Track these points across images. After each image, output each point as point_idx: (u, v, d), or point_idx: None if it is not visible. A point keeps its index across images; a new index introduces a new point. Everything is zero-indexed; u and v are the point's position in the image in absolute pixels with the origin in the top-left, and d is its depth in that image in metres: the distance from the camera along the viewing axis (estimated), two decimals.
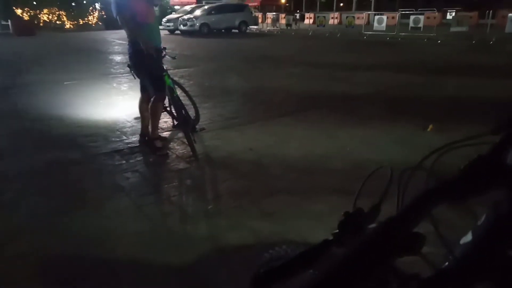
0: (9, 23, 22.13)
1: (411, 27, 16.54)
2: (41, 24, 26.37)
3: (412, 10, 18.43)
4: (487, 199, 0.63)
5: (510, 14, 14.55)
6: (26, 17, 25.64)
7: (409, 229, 0.51)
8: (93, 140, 4.11)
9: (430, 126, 4.17)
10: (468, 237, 0.66)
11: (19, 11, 25.42)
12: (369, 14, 22.76)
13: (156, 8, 3.85)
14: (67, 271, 2.07)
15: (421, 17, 16.47)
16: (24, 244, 2.30)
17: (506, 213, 0.60)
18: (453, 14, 18.64)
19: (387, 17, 17.82)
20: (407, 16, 17.68)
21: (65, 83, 7.40)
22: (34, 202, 2.80)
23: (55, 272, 2.08)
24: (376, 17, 18.23)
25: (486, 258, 0.60)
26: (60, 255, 2.20)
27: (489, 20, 14.84)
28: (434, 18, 17.99)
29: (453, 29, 15.57)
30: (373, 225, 0.54)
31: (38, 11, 26.94)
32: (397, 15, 18.26)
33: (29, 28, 21.39)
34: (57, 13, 27.52)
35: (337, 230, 0.54)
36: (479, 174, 0.58)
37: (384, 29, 17.15)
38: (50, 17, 27.56)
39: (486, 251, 0.61)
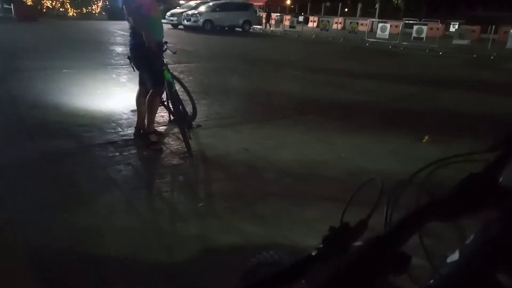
0: (12, 7, 21.94)
1: (414, 37, 16.58)
2: (44, 10, 26.21)
3: (416, 20, 18.49)
4: (477, 217, 0.62)
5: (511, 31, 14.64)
6: (29, 2, 25.46)
7: (395, 248, 0.50)
8: (88, 130, 4.07)
9: (426, 137, 4.18)
10: (455, 256, 0.65)
11: None
12: (372, 21, 22.82)
13: (161, 8, 3.84)
14: (53, 268, 2.03)
15: (424, 28, 16.51)
16: (9, 239, 2.24)
17: (496, 234, 0.59)
18: (456, 26, 18.74)
19: (391, 26, 17.86)
20: (410, 26, 17.73)
21: (63, 71, 7.35)
22: (22, 195, 2.75)
23: (40, 269, 2.03)
24: (380, 24, 18.27)
25: (473, 279, 0.59)
26: (46, 250, 2.15)
27: (491, 35, 14.92)
28: (437, 29, 18.04)
29: (455, 42, 15.63)
30: (358, 243, 0.53)
31: None
32: (400, 24, 18.31)
33: (32, 14, 21.24)
34: (61, 0, 27.37)
35: (321, 245, 0.52)
36: (471, 193, 0.57)
37: (387, 37, 17.19)
38: (53, 3, 27.41)
39: (474, 272, 0.60)
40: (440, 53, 13.93)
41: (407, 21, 18.50)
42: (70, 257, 2.10)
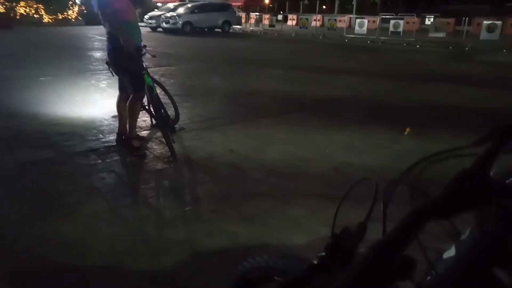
0: None
1: (391, 31, 16.83)
2: (17, 18, 25.50)
3: (393, 15, 18.76)
4: (472, 213, 0.62)
5: (484, 22, 15.02)
6: (1, 9, 24.75)
7: (399, 252, 0.49)
8: (68, 139, 3.99)
9: (407, 130, 4.26)
10: (451, 252, 0.64)
11: None
12: (350, 17, 23.05)
13: (138, 11, 3.78)
14: (36, 280, 1.98)
15: (401, 22, 16.77)
16: None
17: (492, 229, 0.58)
18: (432, 20, 19.08)
19: (368, 21, 18.08)
20: (387, 21, 17.96)
21: (40, 79, 7.19)
22: (2, 207, 2.68)
23: (23, 281, 1.99)
24: (358, 20, 18.46)
25: (470, 275, 0.59)
26: (29, 263, 2.10)
27: (465, 27, 15.28)
28: (414, 23, 18.33)
29: (431, 35, 15.95)
30: (362, 249, 0.52)
31: (14, 4, 26.03)
32: (378, 19, 18.55)
33: (5, 22, 20.63)
34: (35, 6, 26.68)
35: (323, 253, 0.51)
36: (466, 190, 0.56)
37: (365, 32, 17.40)
38: (27, 10, 26.69)
39: (470, 268, 0.59)
40: (417, 46, 14.20)
41: (384, 16, 18.75)
42: (53, 268, 2.06)
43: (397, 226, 0.52)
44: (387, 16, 18.48)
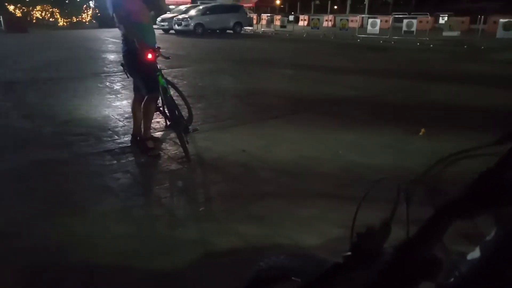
0: (0, 18, 21.82)
1: (404, 31, 16.68)
2: (33, 21, 26.08)
3: (406, 14, 18.57)
4: (496, 214, 0.61)
5: (501, 20, 14.75)
6: (18, 13, 25.33)
7: (425, 253, 0.49)
8: (84, 140, 4.07)
9: (422, 130, 4.21)
10: (476, 253, 0.63)
11: (11, 8, 25.11)
12: (362, 17, 22.89)
13: (151, 13, 3.84)
14: (47, 278, 2.02)
15: (414, 21, 16.61)
16: (4, 247, 2.23)
17: None
18: (446, 18, 18.82)
19: (381, 21, 17.96)
20: (400, 20, 17.81)
21: (56, 81, 7.33)
22: (18, 205, 2.74)
23: (35, 279, 2.02)
24: (370, 20, 18.36)
25: (497, 277, 0.57)
26: (41, 261, 2.13)
27: (480, 26, 15.02)
28: (427, 22, 18.13)
29: (445, 34, 15.76)
30: (387, 248, 0.53)
31: (31, 8, 26.64)
32: (390, 18, 18.39)
33: (21, 25, 21.13)
34: (50, 10, 27.24)
35: (349, 253, 0.52)
36: (489, 190, 0.55)
37: (378, 32, 17.28)
38: (43, 14, 27.27)
39: (497, 270, 0.57)
40: (431, 45, 14.01)
41: (396, 16, 18.58)
42: (65, 266, 2.09)
43: (422, 226, 0.52)
44: (400, 16, 18.30)
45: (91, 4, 28.20)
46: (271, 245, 2.25)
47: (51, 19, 27.23)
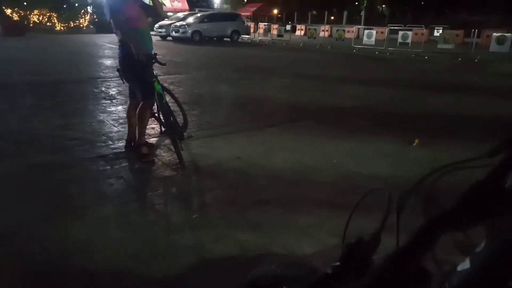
0: None
1: (400, 42, 16.87)
2: (31, 25, 26.06)
3: (401, 26, 18.82)
4: (487, 224, 0.60)
5: (494, 34, 14.98)
6: (15, 17, 25.31)
7: (415, 263, 0.49)
8: (78, 144, 4.04)
9: (416, 141, 4.23)
10: (466, 264, 0.63)
11: (8, 11, 25.10)
12: (359, 28, 23.15)
13: (149, 19, 3.85)
14: (45, 282, 2.00)
15: (410, 33, 16.82)
16: (1, 251, 2.22)
17: (509, 241, 0.57)
18: (440, 31, 19.08)
19: (377, 32, 18.15)
20: (395, 32, 18.04)
21: (52, 85, 7.29)
22: (13, 209, 2.71)
23: (31, 282, 2.00)
24: (366, 31, 18.56)
25: (486, 287, 0.57)
26: (38, 264, 2.12)
27: (474, 39, 15.24)
28: (422, 34, 18.35)
29: (440, 46, 15.95)
30: (377, 258, 0.52)
31: (28, 12, 26.64)
32: (386, 30, 18.61)
33: (18, 29, 21.10)
34: (47, 14, 27.25)
35: (337, 263, 0.51)
36: (481, 201, 0.55)
37: (373, 43, 17.45)
38: (40, 18, 27.27)
39: (487, 281, 0.57)
40: (426, 57, 14.17)
41: (392, 27, 18.81)
42: (62, 270, 2.07)
43: (412, 237, 0.51)
44: (396, 27, 18.54)
45: (89, 9, 28.26)
46: (267, 252, 2.24)
47: (48, 24, 27.21)
